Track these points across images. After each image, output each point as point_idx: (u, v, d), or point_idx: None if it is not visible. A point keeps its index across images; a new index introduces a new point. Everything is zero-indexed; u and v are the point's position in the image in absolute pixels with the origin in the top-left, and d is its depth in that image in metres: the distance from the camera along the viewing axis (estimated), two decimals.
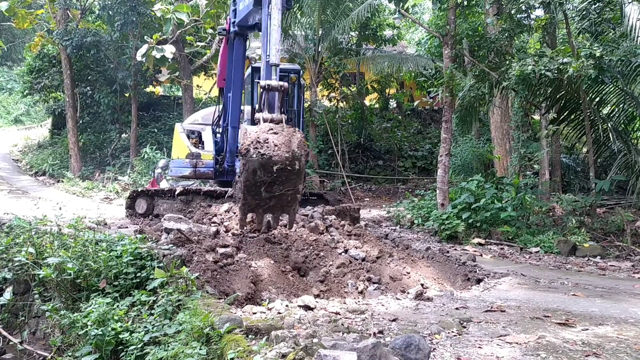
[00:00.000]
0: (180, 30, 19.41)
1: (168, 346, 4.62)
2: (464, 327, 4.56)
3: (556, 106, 12.44)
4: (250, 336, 4.15)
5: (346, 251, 7.16)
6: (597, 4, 11.95)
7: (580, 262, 9.02)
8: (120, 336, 5.18)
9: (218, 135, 11.90)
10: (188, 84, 21.13)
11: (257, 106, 6.89)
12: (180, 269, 5.61)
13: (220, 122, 11.59)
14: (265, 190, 6.04)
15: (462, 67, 13.88)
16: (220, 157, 11.61)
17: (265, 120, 6.30)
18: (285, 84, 6.65)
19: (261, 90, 6.51)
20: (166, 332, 4.85)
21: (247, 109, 11.23)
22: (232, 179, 11.57)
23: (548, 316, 5.02)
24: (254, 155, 5.86)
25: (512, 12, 12.23)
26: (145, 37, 18.33)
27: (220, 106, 11.47)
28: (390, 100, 27.04)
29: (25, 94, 24.72)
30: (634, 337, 4.38)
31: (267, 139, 5.93)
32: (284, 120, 6.38)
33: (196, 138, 12.46)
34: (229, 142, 11.20)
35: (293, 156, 5.98)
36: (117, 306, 5.69)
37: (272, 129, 6.07)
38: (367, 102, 25.98)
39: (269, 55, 6.68)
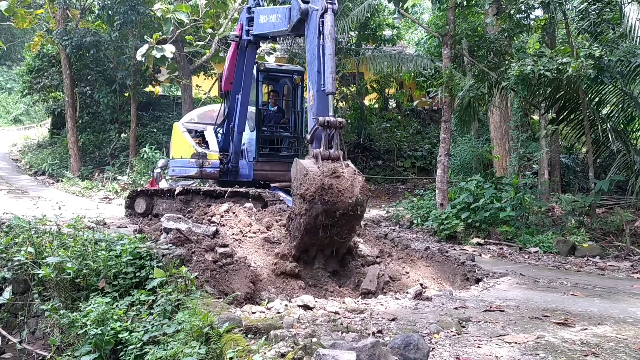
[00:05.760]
0: (179, 30, 19.40)
1: (167, 345, 4.62)
2: (463, 327, 4.57)
3: (555, 106, 12.46)
4: (249, 335, 4.15)
5: None
6: (597, 4, 11.95)
7: (579, 262, 9.02)
8: (120, 336, 5.18)
9: (220, 135, 11.87)
10: (187, 83, 21.12)
11: (308, 136, 6.81)
12: (179, 268, 5.61)
13: (225, 124, 11.51)
14: (323, 231, 6.09)
15: (462, 67, 13.90)
16: (224, 157, 11.57)
17: (323, 158, 6.26)
18: (344, 121, 6.63)
19: (319, 127, 6.45)
20: (165, 332, 4.85)
21: (250, 109, 11.25)
22: (234, 179, 11.58)
23: (547, 316, 5.03)
24: (319, 203, 5.89)
25: (512, 12, 12.23)
26: (145, 36, 18.32)
27: (226, 109, 11.39)
28: (390, 100, 27.05)
29: (24, 93, 24.68)
30: (632, 336, 4.38)
31: (332, 185, 5.93)
32: (341, 158, 6.35)
33: (199, 137, 12.22)
34: (235, 143, 11.19)
35: (356, 202, 6.00)
36: (117, 306, 5.69)
37: (335, 173, 6.03)
38: (366, 102, 25.98)
39: (324, 84, 6.60)
